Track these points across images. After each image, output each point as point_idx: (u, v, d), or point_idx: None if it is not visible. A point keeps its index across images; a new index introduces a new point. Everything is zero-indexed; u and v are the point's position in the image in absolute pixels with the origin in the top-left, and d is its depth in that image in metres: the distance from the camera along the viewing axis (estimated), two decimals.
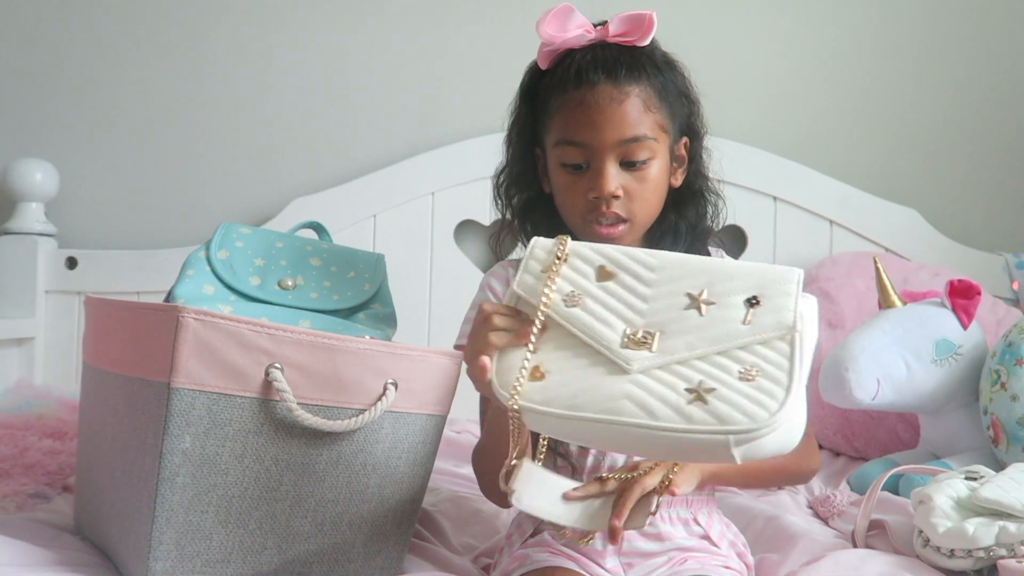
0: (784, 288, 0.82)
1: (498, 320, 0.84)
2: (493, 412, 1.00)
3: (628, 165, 1.04)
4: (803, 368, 0.77)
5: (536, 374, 0.80)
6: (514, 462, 0.87)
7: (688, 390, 0.76)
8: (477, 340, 0.85)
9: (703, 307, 0.82)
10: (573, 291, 0.84)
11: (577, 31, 1.05)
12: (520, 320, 0.84)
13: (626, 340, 0.80)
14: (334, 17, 2.16)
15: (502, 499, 1.08)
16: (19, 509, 1.30)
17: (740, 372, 0.77)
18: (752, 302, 0.81)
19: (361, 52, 2.16)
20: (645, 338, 0.80)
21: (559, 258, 0.86)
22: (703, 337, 0.80)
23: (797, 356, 0.78)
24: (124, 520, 1.02)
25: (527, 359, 0.81)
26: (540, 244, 0.89)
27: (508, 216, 1.17)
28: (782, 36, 2.16)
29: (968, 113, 2.15)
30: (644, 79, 1.05)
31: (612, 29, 1.06)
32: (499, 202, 1.17)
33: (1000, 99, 2.15)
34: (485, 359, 0.82)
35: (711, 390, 0.76)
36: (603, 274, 0.85)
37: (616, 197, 1.03)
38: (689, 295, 0.82)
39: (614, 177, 1.03)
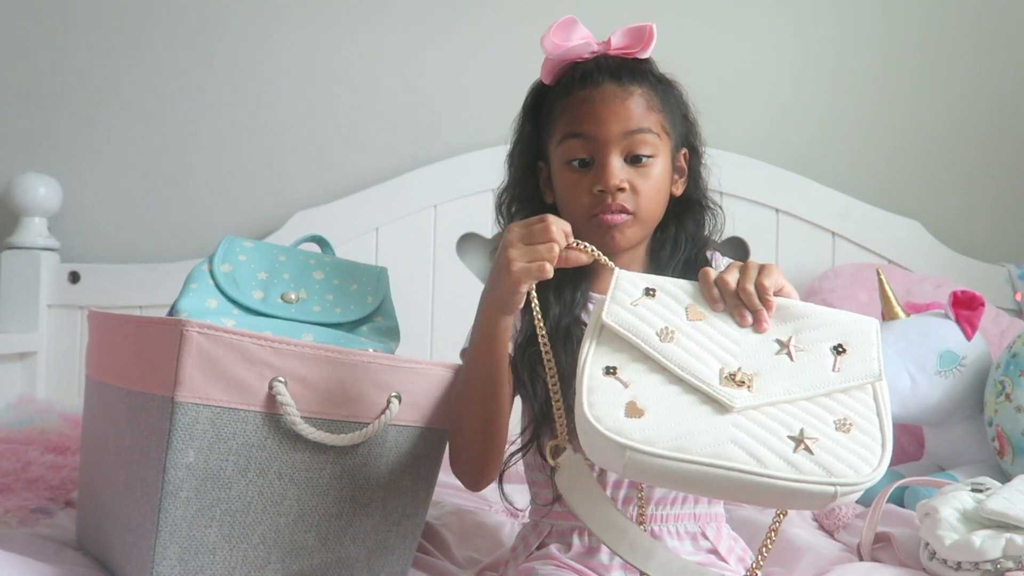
0: (867, 337, 0.84)
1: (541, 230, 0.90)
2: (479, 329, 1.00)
3: (633, 160, 1.05)
4: (890, 419, 0.79)
5: (634, 411, 0.77)
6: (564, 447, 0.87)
7: (791, 438, 0.76)
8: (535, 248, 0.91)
9: (793, 353, 0.82)
10: (667, 327, 0.83)
11: (580, 41, 1.07)
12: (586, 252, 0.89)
13: (724, 379, 0.79)
14: (336, 31, 2.17)
15: (475, 476, 1.08)
16: (21, 524, 1.29)
17: (836, 422, 0.78)
18: (839, 350, 0.83)
19: (363, 66, 2.17)
20: (743, 379, 0.79)
21: (649, 293, 0.85)
22: (797, 382, 0.80)
23: (884, 407, 0.80)
24: (127, 535, 1.02)
25: (621, 393, 0.78)
26: (626, 277, 0.87)
27: None
28: (784, 49, 2.17)
29: (970, 124, 2.15)
30: (646, 83, 1.07)
31: (614, 42, 1.08)
32: (501, 220, 1.18)
33: (1002, 110, 2.15)
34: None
35: (814, 439, 0.76)
36: (694, 314, 0.85)
37: (621, 190, 1.04)
38: (779, 340, 0.83)
39: (619, 170, 1.04)
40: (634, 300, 0.84)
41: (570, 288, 1.08)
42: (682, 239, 1.13)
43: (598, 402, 0.77)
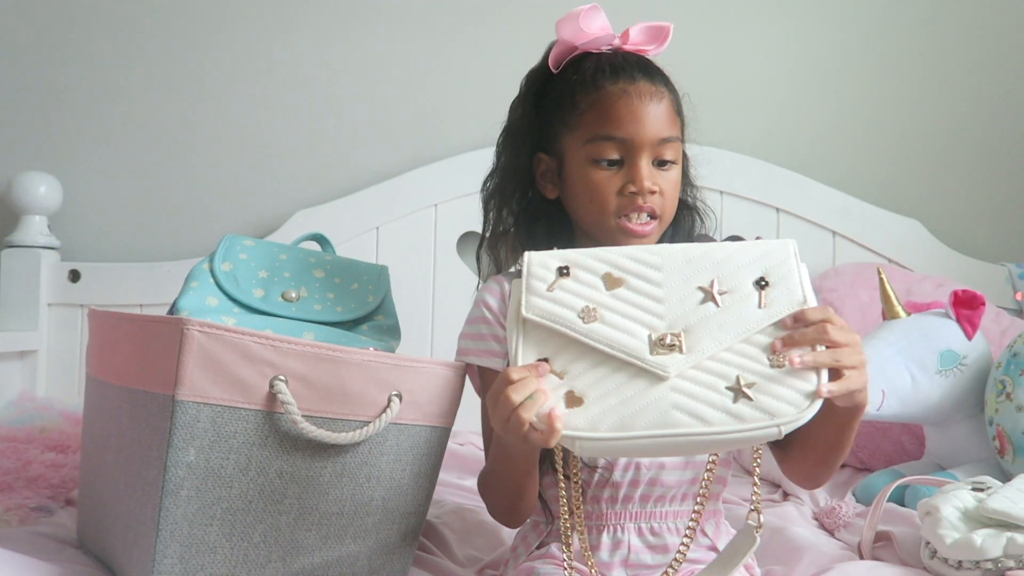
0: (788, 264, 0.84)
1: (523, 385, 0.80)
2: (499, 437, 0.98)
3: (659, 164, 1.04)
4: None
5: (573, 400, 0.78)
6: None
7: (729, 388, 0.77)
8: (512, 413, 0.79)
9: (718, 298, 0.82)
10: (587, 305, 0.82)
11: (602, 32, 1.05)
12: (538, 370, 0.81)
13: (654, 346, 0.79)
14: (337, 30, 2.17)
15: (511, 519, 1.08)
16: (22, 523, 1.29)
17: (770, 359, 0.79)
18: (762, 284, 0.83)
19: (364, 64, 2.17)
20: (672, 341, 0.79)
21: (563, 273, 0.84)
22: (727, 331, 0.80)
23: None
24: (128, 533, 1.02)
25: (559, 385, 0.79)
26: (536, 261, 0.86)
27: (500, 227, 1.14)
28: (785, 48, 2.17)
29: (971, 124, 2.15)
30: (670, 85, 1.07)
31: (632, 37, 1.07)
32: (489, 213, 1.15)
33: (1003, 109, 2.15)
34: (526, 421, 0.79)
35: (751, 384, 0.77)
36: (611, 282, 0.84)
37: (653, 192, 1.03)
38: (702, 288, 0.82)
39: (651, 173, 1.03)
40: (549, 284, 0.83)
41: None
42: (679, 240, 1.13)
43: (532, 404, 0.78)
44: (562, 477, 0.91)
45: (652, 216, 1.04)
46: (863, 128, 2.15)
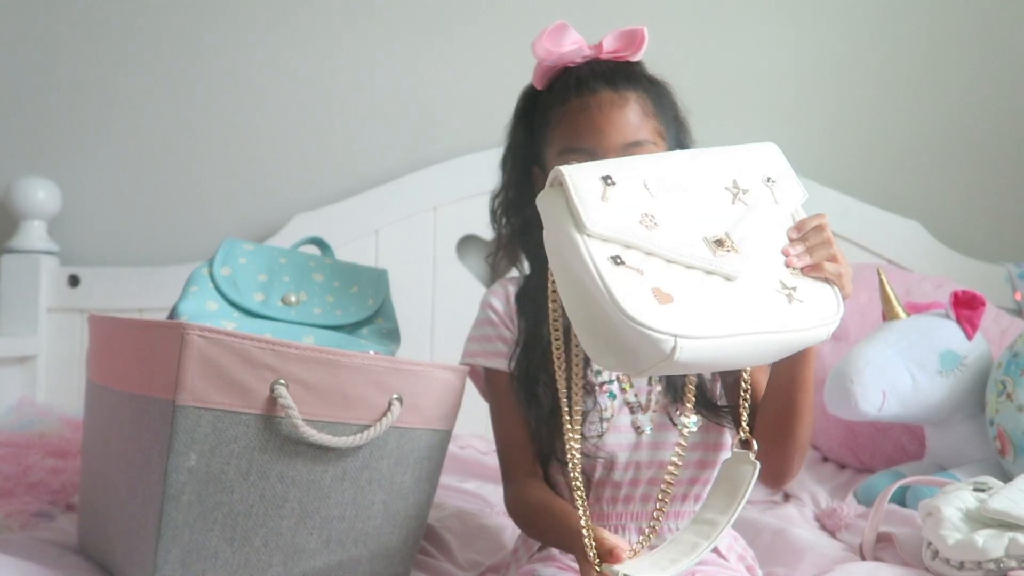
0: (781, 161, 0.87)
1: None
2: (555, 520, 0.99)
3: None
4: None
5: (662, 296, 0.73)
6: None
7: (780, 290, 0.79)
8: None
9: (744, 197, 0.82)
10: (645, 212, 0.78)
11: (572, 46, 1.07)
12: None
13: (714, 248, 0.78)
14: (335, 33, 2.17)
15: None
16: (22, 528, 1.29)
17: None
18: (769, 181, 0.85)
19: (362, 68, 2.17)
20: (727, 242, 0.79)
21: (609, 182, 0.78)
22: (760, 226, 0.81)
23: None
24: (129, 539, 1.01)
25: (642, 281, 0.74)
26: (574, 174, 0.79)
27: (504, 239, 1.19)
28: (784, 49, 2.17)
29: (970, 124, 2.16)
30: (641, 87, 1.08)
31: (606, 46, 1.09)
32: (495, 224, 1.19)
33: (1002, 110, 2.15)
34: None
35: (794, 288, 0.79)
36: (655, 187, 0.80)
37: None
38: (728, 189, 0.83)
39: None
40: (601, 194, 0.78)
41: None
42: None
43: (628, 295, 0.72)
44: (577, 486, 0.92)
45: None
46: (862, 129, 2.16)
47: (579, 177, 0.78)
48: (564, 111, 1.07)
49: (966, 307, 1.57)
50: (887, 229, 2.07)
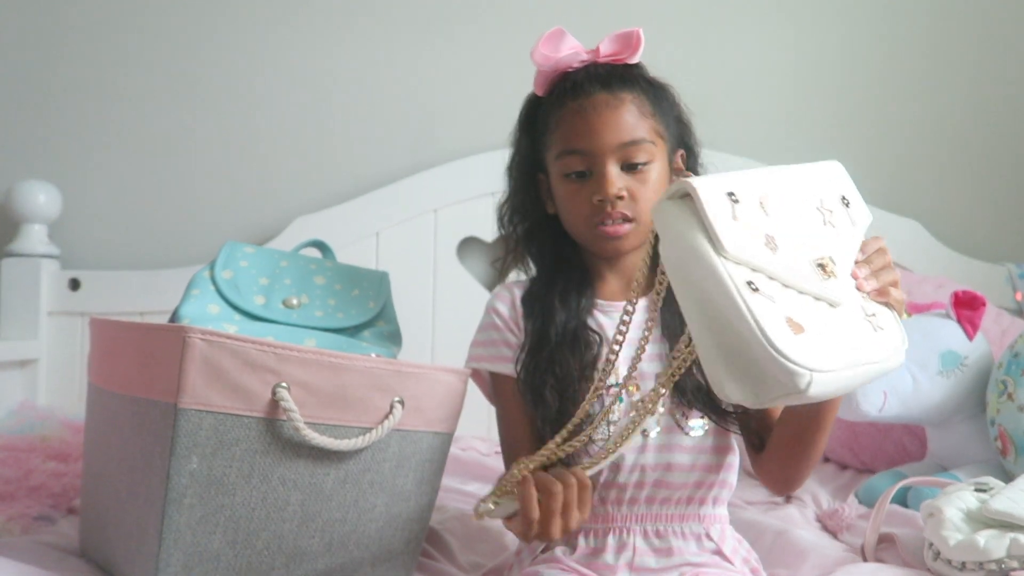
0: (849, 181, 0.85)
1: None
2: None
3: (629, 168, 1.07)
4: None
5: (795, 327, 0.69)
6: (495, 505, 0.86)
7: (866, 319, 0.77)
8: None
9: (830, 218, 0.80)
10: (768, 233, 0.73)
11: (569, 51, 1.09)
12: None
13: (817, 270, 0.75)
14: (335, 36, 2.17)
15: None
16: (24, 532, 1.29)
17: (870, 291, 0.80)
18: (845, 202, 0.82)
19: (363, 70, 2.17)
20: (830, 266, 0.76)
21: (734, 199, 0.73)
22: (846, 249, 0.79)
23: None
24: (131, 542, 1.01)
25: (775, 310, 0.69)
26: (706, 189, 0.72)
27: (512, 244, 1.20)
28: (784, 50, 2.17)
29: (970, 124, 2.16)
30: (638, 88, 1.08)
31: (603, 49, 1.11)
32: (503, 231, 1.20)
33: (1003, 110, 2.15)
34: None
35: (873, 314, 0.77)
36: (769, 205, 0.76)
37: (620, 198, 1.05)
38: (819, 210, 0.80)
39: (617, 179, 1.06)
40: (732, 213, 0.72)
41: (575, 294, 1.10)
42: None
43: (771, 325, 0.68)
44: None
45: (626, 220, 1.06)
46: (863, 130, 2.16)
47: (709, 192, 0.72)
48: (561, 115, 1.08)
49: (967, 307, 1.57)
50: (887, 229, 2.06)
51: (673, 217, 0.73)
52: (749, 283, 0.69)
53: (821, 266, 0.75)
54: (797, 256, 0.74)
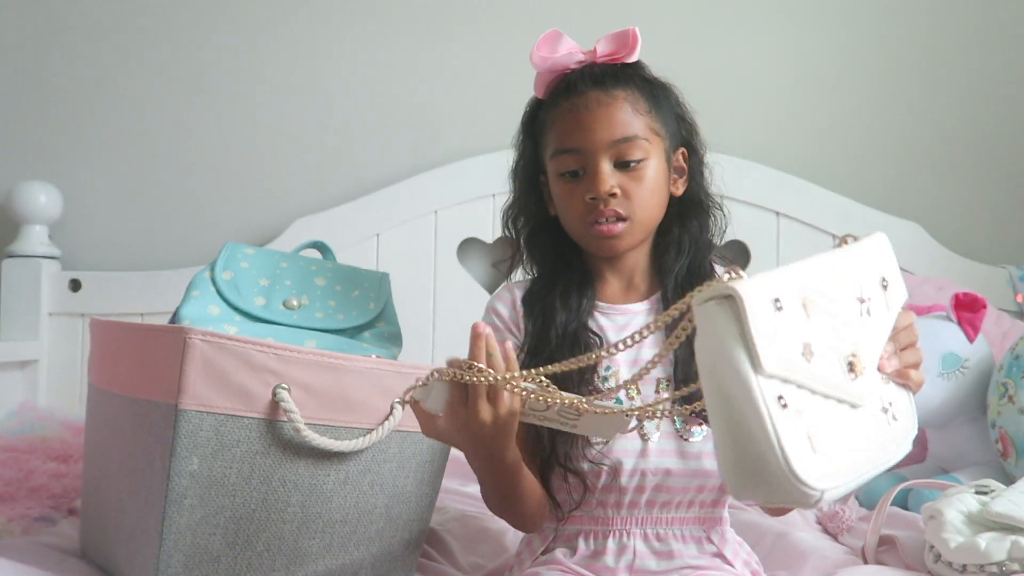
0: (892, 260, 0.81)
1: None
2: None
3: (623, 166, 1.06)
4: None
5: (813, 443, 0.67)
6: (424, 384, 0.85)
7: (884, 411, 0.75)
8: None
9: (869, 307, 0.76)
10: (804, 342, 0.70)
11: (566, 52, 1.09)
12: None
13: (848, 372, 0.72)
14: (336, 37, 2.17)
15: (525, 524, 1.08)
16: (25, 533, 1.29)
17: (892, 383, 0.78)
18: (884, 285, 0.79)
19: (363, 72, 2.17)
20: (858, 365, 0.73)
21: (779, 307, 0.69)
22: (876, 340, 0.76)
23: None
24: (131, 543, 1.01)
25: (800, 426, 0.67)
26: (754, 298, 0.68)
27: (516, 245, 1.20)
28: (785, 52, 2.17)
29: (970, 126, 2.16)
30: (632, 86, 1.08)
31: (600, 49, 1.10)
32: (508, 234, 1.20)
33: (1002, 112, 2.15)
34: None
35: (890, 403, 0.76)
36: (807, 307, 0.72)
37: (613, 195, 1.05)
38: (859, 299, 0.76)
39: (609, 176, 1.05)
40: (775, 325, 0.68)
41: (576, 294, 1.09)
42: (685, 242, 1.13)
43: (791, 445, 0.66)
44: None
45: (619, 218, 1.06)
46: (863, 132, 2.16)
47: (755, 300, 0.68)
48: (556, 114, 1.08)
49: (967, 309, 1.57)
50: (888, 232, 2.03)
51: (713, 319, 0.70)
52: (779, 398, 0.67)
53: (851, 364, 0.72)
54: (830, 359, 0.71)
